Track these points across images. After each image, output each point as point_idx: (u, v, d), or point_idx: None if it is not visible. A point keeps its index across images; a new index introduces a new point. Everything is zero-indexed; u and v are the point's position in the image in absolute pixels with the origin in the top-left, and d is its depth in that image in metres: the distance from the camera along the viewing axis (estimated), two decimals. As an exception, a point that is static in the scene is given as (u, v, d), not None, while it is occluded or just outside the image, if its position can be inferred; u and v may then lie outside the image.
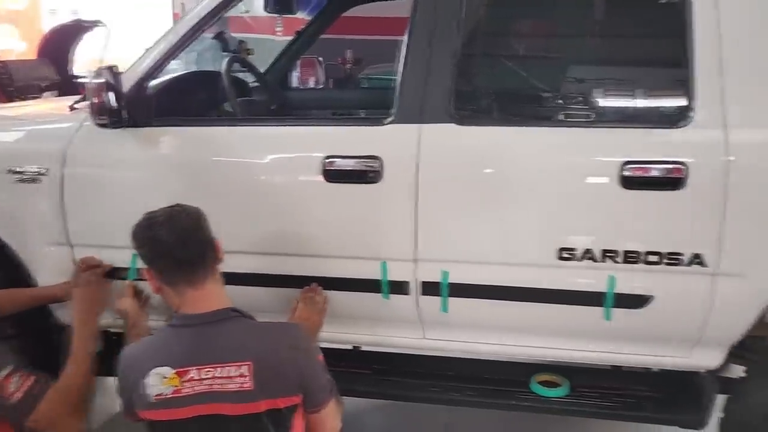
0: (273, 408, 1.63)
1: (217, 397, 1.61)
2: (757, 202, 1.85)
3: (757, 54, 1.85)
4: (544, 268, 1.99)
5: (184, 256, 1.65)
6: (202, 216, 1.71)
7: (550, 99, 2.20)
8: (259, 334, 1.69)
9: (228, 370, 1.61)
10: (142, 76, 2.15)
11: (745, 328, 1.97)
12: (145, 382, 1.62)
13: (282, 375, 1.64)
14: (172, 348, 1.66)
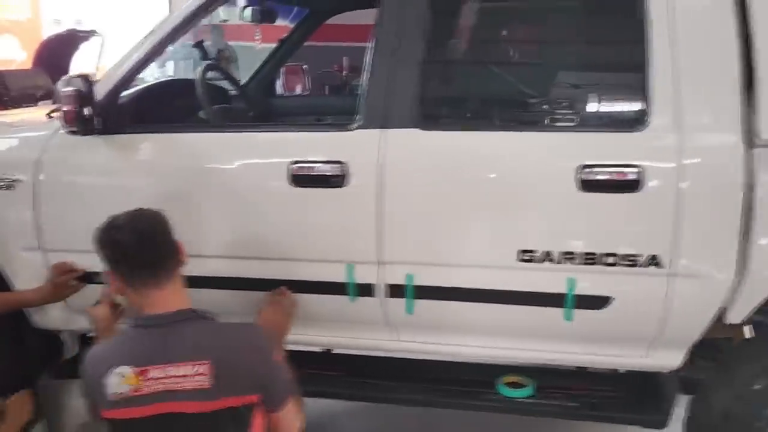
0: (230, 406, 1.67)
1: (175, 396, 1.65)
2: (710, 205, 1.88)
3: (710, 59, 1.89)
4: (506, 270, 2.03)
5: (143, 258, 1.69)
6: (163, 220, 1.75)
7: (511, 104, 2.24)
8: (218, 335, 1.73)
9: (186, 369, 1.65)
10: (116, 85, 2.20)
11: (704, 329, 2.00)
12: (106, 381, 1.66)
13: (239, 374, 1.67)
14: (133, 348, 1.69)
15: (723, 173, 1.87)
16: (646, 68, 1.90)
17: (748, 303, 1.92)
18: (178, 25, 2.17)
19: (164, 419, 1.67)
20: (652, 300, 1.98)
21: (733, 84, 1.87)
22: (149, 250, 1.69)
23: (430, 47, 2.03)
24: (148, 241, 1.70)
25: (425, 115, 2.04)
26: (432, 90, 2.06)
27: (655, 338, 2.04)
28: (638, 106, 1.93)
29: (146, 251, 1.69)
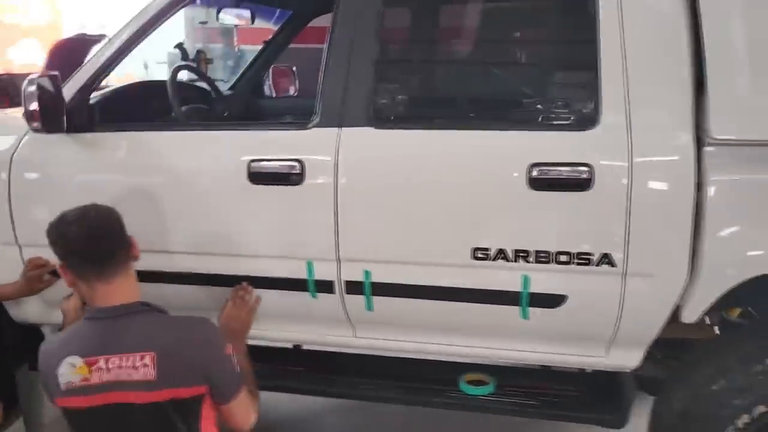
0: (176, 397, 1.71)
1: (122, 386, 1.69)
2: (661, 204, 1.87)
3: (661, 59, 1.88)
4: (461, 268, 2.04)
5: (92, 253, 1.73)
6: (113, 215, 1.80)
7: (462, 103, 2.25)
8: (165, 327, 1.77)
9: (133, 359, 1.69)
10: (84, 85, 2.26)
11: (659, 328, 1.99)
12: (58, 371, 1.71)
13: (185, 366, 1.71)
14: (83, 339, 1.74)
15: (674, 172, 1.86)
16: (597, 68, 1.90)
17: (702, 302, 1.91)
18: (143, 27, 2.22)
19: (113, 409, 1.72)
20: (606, 299, 1.98)
21: (684, 83, 1.86)
22: (97, 245, 1.74)
23: (382, 49, 2.06)
24: (96, 236, 1.74)
25: (378, 114, 2.06)
26: (385, 89, 2.07)
27: (612, 337, 2.04)
28: (590, 105, 1.93)
29: (94, 246, 1.73)
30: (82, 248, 1.73)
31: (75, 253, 1.74)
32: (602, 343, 2.07)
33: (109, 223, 1.78)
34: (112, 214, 1.80)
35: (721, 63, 1.82)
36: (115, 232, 1.78)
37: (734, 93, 1.83)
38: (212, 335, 1.80)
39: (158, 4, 2.20)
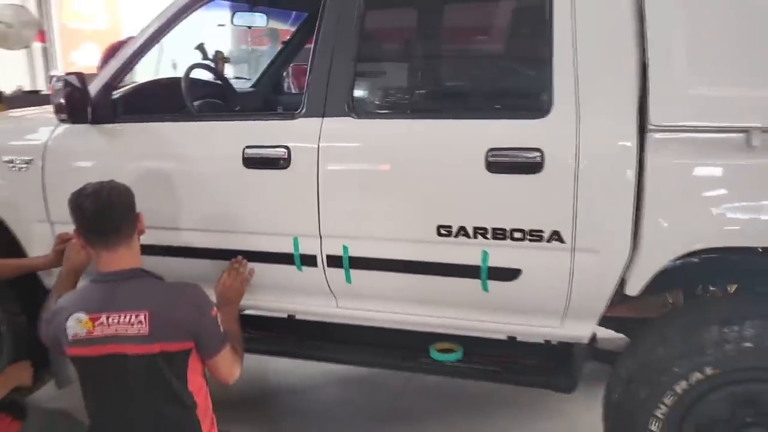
0: (166, 350, 1.99)
1: (120, 339, 1.98)
2: (606, 185, 2.05)
3: (608, 51, 2.05)
4: (427, 244, 2.26)
5: (100, 226, 2.03)
6: (124, 194, 2.08)
7: (429, 94, 2.47)
8: (158, 290, 2.06)
9: (129, 317, 1.98)
10: (107, 82, 2.58)
11: (606, 301, 2.17)
12: (67, 324, 2.01)
13: (174, 324, 1.99)
14: (88, 298, 2.04)
15: (617, 156, 2.03)
16: (551, 61, 2.08)
17: (642, 276, 2.08)
18: (158, 30, 2.53)
19: (112, 359, 2.01)
20: (557, 273, 2.16)
21: (629, 74, 2.03)
22: (104, 220, 2.03)
23: (361, 47, 2.29)
24: (105, 212, 2.04)
25: (357, 104, 2.30)
26: (363, 83, 2.32)
27: (565, 309, 2.22)
28: (543, 95, 2.11)
29: (101, 220, 2.03)
30: (92, 220, 2.03)
31: (85, 223, 2.05)
32: (557, 315, 2.25)
33: (118, 201, 2.06)
34: (123, 193, 2.08)
35: (661, 55, 1.99)
36: (122, 209, 2.07)
37: (673, 83, 1.98)
38: (199, 298, 2.07)
39: (171, 10, 2.51)
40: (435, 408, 3.10)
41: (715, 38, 1.95)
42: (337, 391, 3.31)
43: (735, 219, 1.98)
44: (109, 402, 2.07)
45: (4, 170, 2.71)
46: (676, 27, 1.98)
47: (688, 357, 2.04)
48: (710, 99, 1.96)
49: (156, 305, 1.99)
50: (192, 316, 2.02)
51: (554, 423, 2.97)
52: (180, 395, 2.04)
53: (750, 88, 1.94)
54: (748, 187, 1.96)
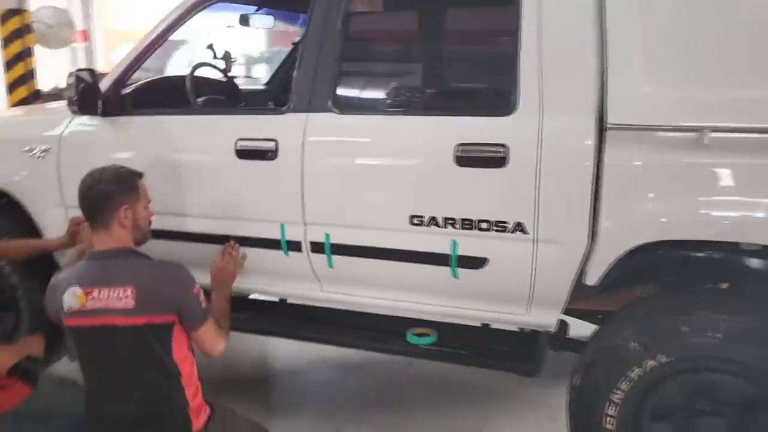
0: (150, 323, 2.17)
1: (109, 312, 2.18)
2: (565, 179, 2.17)
3: (569, 53, 2.18)
4: (401, 232, 2.41)
5: (82, 206, 2.25)
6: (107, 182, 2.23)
7: (405, 92, 2.62)
8: (145, 267, 2.24)
9: (117, 292, 2.17)
10: (117, 78, 2.80)
11: (568, 290, 2.28)
12: (63, 297, 2.22)
13: (158, 299, 2.17)
14: (83, 274, 2.25)
15: (576, 152, 2.15)
16: (517, 63, 2.22)
17: (600, 266, 2.19)
18: (163, 31, 2.74)
19: (103, 329, 2.20)
20: (520, 262, 2.29)
21: (589, 76, 2.14)
22: (81, 202, 2.24)
23: (343, 49, 2.46)
24: (82, 195, 2.24)
25: (339, 101, 2.46)
26: (345, 81, 2.48)
27: (530, 297, 2.34)
28: (509, 95, 2.24)
29: (80, 201, 2.25)
30: (79, 200, 2.25)
31: (78, 203, 2.27)
32: (523, 303, 2.37)
33: (95, 189, 2.23)
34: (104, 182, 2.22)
35: (619, 59, 2.11)
36: (94, 197, 2.22)
37: (629, 85, 2.10)
38: (182, 276, 2.25)
39: (175, 13, 2.72)
40: (423, 394, 3.24)
41: (668, 44, 2.06)
42: (332, 374, 3.48)
43: (687, 213, 2.07)
44: (101, 370, 2.27)
45: (25, 158, 2.95)
46: (632, 33, 2.09)
47: (643, 345, 2.14)
48: (664, 100, 2.06)
49: (141, 281, 2.18)
50: (174, 291, 2.20)
51: (536, 412, 3.08)
52: (164, 364, 2.23)
53: (701, 90, 2.04)
54: (699, 184, 2.06)
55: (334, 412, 3.09)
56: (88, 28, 12.61)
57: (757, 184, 2.00)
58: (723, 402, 2.13)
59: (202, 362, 2.44)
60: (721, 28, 2.02)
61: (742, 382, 2.09)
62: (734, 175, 2.02)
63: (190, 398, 2.29)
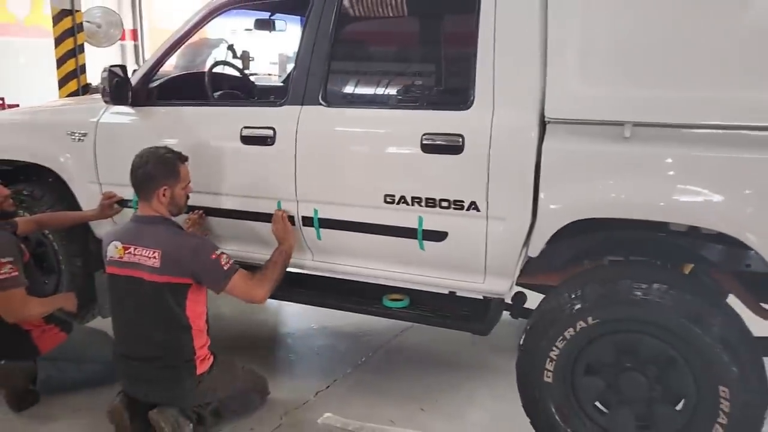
0: (170, 282, 2.65)
1: (139, 267, 2.67)
2: (512, 165, 2.53)
3: (518, 54, 2.52)
4: (376, 209, 2.80)
5: (132, 180, 2.75)
6: (152, 164, 2.73)
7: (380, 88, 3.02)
8: (171, 236, 2.72)
9: (148, 252, 2.66)
10: (145, 73, 3.28)
11: (516, 261, 2.64)
12: (108, 248, 2.73)
13: (177, 264, 2.64)
14: (124, 232, 2.76)
15: (521, 142, 2.51)
16: (475, 64, 2.59)
17: (540, 240, 2.55)
18: (184, 34, 3.21)
19: (132, 279, 2.70)
20: (475, 236, 2.66)
21: (534, 75, 2.50)
22: (134, 177, 2.74)
23: (333, 48, 2.86)
24: (131, 171, 2.74)
25: (328, 95, 2.87)
26: (333, 77, 2.89)
27: (485, 267, 2.71)
28: (467, 91, 2.61)
29: (133, 176, 2.74)
30: (129, 174, 2.74)
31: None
32: (479, 272, 2.74)
33: (139, 168, 2.74)
34: (149, 164, 2.74)
35: (556, 61, 2.45)
36: (140, 175, 2.74)
37: (564, 83, 2.45)
38: (199, 247, 2.70)
39: (193, 19, 3.17)
40: (406, 360, 3.63)
41: (597, 50, 2.39)
42: (328, 341, 3.91)
43: (612, 195, 2.41)
44: (126, 314, 2.76)
45: (67, 141, 3.45)
46: (568, 41, 2.43)
47: (576, 309, 2.48)
48: (593, 97, 2.41)
49: (167, 246, 2.66)
50: (189, 259, 2.66)
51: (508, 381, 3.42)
52: (178, 317, 2.69)
53: (625, 89, 2.38)
54: (622, 170, 2.40)
55: (328, 371, 3.50)
56: (138, 28, 13.36)
57: (670, 171, 2.33)
58: (644, 359, 2.47)
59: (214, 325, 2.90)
60: (643, 37, 2.35)
61: (658, 342, 2.42)
62: (650, 164, 2.35)
63: (197, 348, 2.75)
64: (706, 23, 2.27)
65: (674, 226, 2.50)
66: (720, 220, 2.29)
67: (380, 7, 3.00)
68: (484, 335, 2.78)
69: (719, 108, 2.26)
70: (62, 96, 7.42)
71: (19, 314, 2.94)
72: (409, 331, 3.91)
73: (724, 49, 2.25)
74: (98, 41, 8.27)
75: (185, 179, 2.83)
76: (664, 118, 2.33)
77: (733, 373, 2.28)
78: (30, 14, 10.77)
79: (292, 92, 2.94)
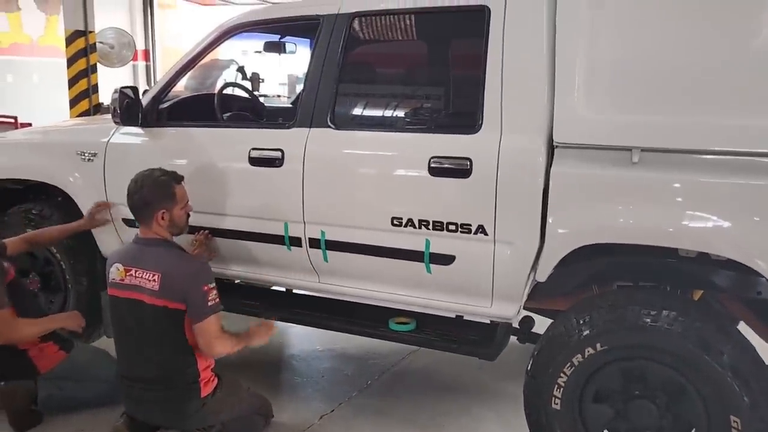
0: (167, 306, 2.63)
1: (139, 289, 2.66)
2: (520, 189, 2.52)
3: (525, 81, 2.54)
4: (384, 232, 2.80)
5: (129, 205, 2.75)
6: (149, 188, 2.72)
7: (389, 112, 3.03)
8: (174, 258, 2.71)
9: (149, 274, 2.65)
10: (155, 95, 3.30)
11: (523, 285, 2.63)
12: (110, 270, 2.73)
13: (173, 288, 2.62)
14: (126, 254, 2.75)
15: (529, 166, 2.51)
16: (483, 90, 2.59)
17: (548, 264, 2.53)
18: (195, 56, 3.24)
19: (133, 302, 2.69)
20: (483, 260, 2.65)
21: (542, 100, 2.50)
22: (130, 203, 2.74)
23: (340, 75, 2.88)
24: (132, 194, 2.74)
25: (336, 118, 2.88)
26: (342, 100, 2.90)
27: (492, 291, 2.69)
28: (475, 116, 2.61)
29: (129, 203, 2.75)
30: (126, 200, 2.74)
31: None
32: (486, 296, 2.72)
33: (136, 193, 2.73)
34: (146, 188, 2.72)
35: (564, 87, 2.46)
36: (136, 200, 2.73)
37: (572, 109, 2.45)
38: (197, 272, 2.68)
39: (203, 42, 3.21)
40: (413, 383, 3.59)
41: (604, 76, 2.40)
42: (334, 363, 3.88)
43: (620, 220, 2.40)
44: (128, 336, 2.75)
45: (77, 161, 3.47)
46: (576, 67, 2.44)
47: (584, 335, 2.46)
48: (601, 122, 2.41)
49: (167, 269, 2.65)
50: (184, 283, 2.64)
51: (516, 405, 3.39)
52: (178, 340, 2.66)
53: (633, 114, 2.38)
54: (630, 195, 2.39)
55: (333, 394, 3.47)
56: (149, 48, 13.54)
57: (678, 197, 2.32)
58: (653, 387, 2.43)
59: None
60: (652, 62, 2.35)
61: (668, 370, 2.39)
62: (658, 189, 2.34)
63: (201, 370, 2.73)
64: (714, 49, 2.28)
65: (683, 252, 2.47)
66: (729, 247, 2.28)
67: (389, 31, 3.02)
68: (492, 360, 2.76)
69: (728, 134, 2.25)
70: (73, 115, 7.50)
71: (7, 336, 2.90)
72: (415, 354, 3.88)
73: (733, 75, 2.25)
74: (111, 62, 8.38)
75: (182, 199, 2.81)
76: (673, 144, 2.32)
77: (744, 402, 2.24)
78: (44, 35, 10.96)
79: (300, 114, 2.95)
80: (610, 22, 2.39)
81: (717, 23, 2.28)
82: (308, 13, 3.03)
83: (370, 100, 3.08)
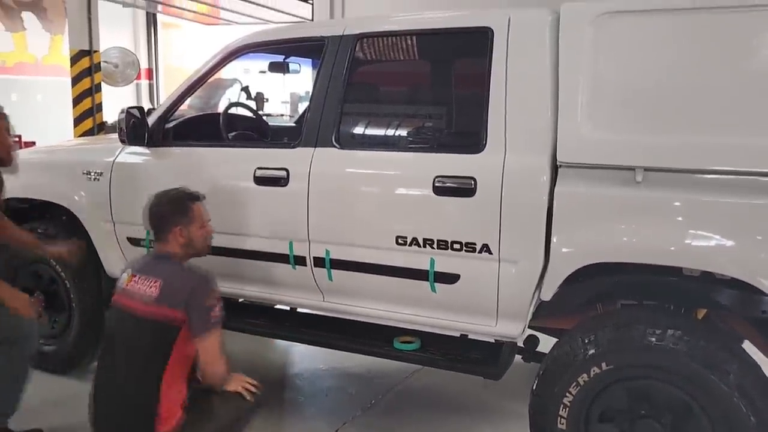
0: (163, 315, 2.50)
1: (138, 297, 2.56)
2: (524, 208, 2.54)
3: (530, 103, 2.57)
4: (388, 251, 2.81)
5: (146, 220, 2.73)
6: (164, 200, 2.70)
7: (393, 132, 3.06)
8: (176, 268, 2.69)
9: (150, 281, 2.60)
10: (160, 115, 3.33)
11: (528, 304, 2.63)
12: (121, 275, 2.71)
13: (174, 295, 2.54)
14: (138, 263, 2.72)
15: (533, 185, 2.53)
16: (487, 110, 2.62)
17: (553, 283, 2.54)
18: (200, 77, 3.27)
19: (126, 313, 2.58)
20: (487, 279, 2.66)
21: (546, 122, 2.53)
22: (148, 218, 2.72)
23: (347, 92, 2.91)
24: (149, 212, 2.72)
25: (341, 138, 2.91)
26: (347, 120, 2.93)
27: (496, 310, 2.70)
28: (479, 136, 2.64)
29: (146, 217, 2.73)
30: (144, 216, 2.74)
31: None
32: (491, 315, 2.72)
33: (156, 209, 2.70)
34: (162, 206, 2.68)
35: (567, 107, 2.49)
36: (152, 217, 2.71)
37: (576, 129, 2.47)
38: (201, 284, 2.59)
39: (209, 63, 3.24)
40: (416, 403, 3.58)
41: (607, 96, 2.43)
42: (338, 382, 3.87)
43: (624, 239, 2.41)
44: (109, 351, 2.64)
45: (83, 180, 3.50)
46: (579, 88, 2.46)
47: (589, 354, 2.45)
48: (604, 142, 2.43)
49: (167, 278, 2.60)
50: (187, 293, 2.54)
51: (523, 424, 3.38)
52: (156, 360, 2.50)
53: (637, 134, 2.40)
54: (634, 214, 2.40)
55: (337, 413, 3.46)
56: (153, 67, 13.65)
57: (681, 216, 2.33)
58: (659, 407, 2.43)
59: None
60: (655, 82, 2.38)
61: (674, 389, 2.38)
62: (662, 208, 2.36)
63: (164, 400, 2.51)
64: (715, 70, 2.30)
65: (687, 271, 2.48)
66: (733, 266, 2.29)
67: (393, 52, 3.06)
68: (497, 380, 2.75)
69: (731, 153, 2.27)
70: (77, 134, 7.54)
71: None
72: (420, 372, 3.87)
73: (735, 94, 2.28)
74: (115, 81, 8.45)
75: (199, 219, 2.74)
76: (676, 163, 2.34)
77: (750, 422, 2.23)
78: (49, 54, 11.06)
79: (305, 134, 2.98)
80: (613, 43, 2.42)
81: (718, 44, 2.31)
82: (313, 34, 3.07)
83: (375, 120, 3.11)
